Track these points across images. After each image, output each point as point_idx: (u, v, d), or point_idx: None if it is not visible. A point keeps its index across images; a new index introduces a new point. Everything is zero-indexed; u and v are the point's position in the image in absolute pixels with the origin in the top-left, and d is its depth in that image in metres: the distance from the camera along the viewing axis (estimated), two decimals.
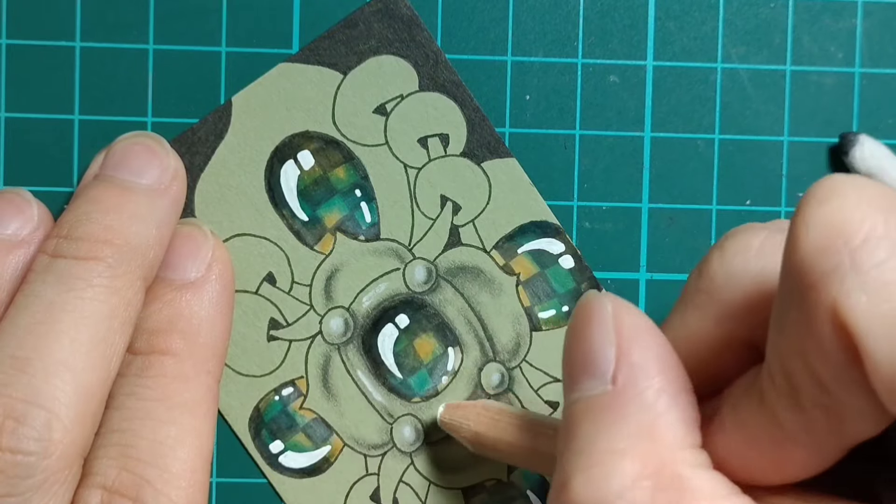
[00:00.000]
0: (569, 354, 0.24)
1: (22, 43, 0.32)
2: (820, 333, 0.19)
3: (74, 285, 0.27)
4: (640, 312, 0.23)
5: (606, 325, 0.23)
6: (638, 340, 0.23)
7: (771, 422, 0.21)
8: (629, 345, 0.22)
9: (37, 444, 0.26)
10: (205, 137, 0.32)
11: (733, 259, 0.24)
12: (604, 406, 0.22)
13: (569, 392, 0.23)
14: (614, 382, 0.22)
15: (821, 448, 0.21)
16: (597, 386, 0.22)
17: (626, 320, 0.23)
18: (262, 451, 0.32)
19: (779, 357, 0.20)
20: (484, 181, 0.33)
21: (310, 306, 0.32)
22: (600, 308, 0.23)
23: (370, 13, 0.32)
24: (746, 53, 0.33)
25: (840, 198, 0.19)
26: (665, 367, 0.22)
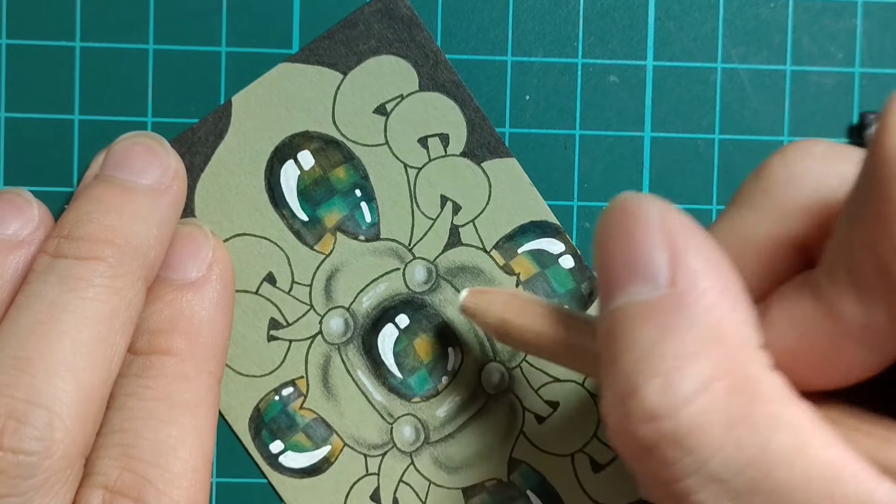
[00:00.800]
0: (610, 257, 0.23)
1: (22, 43, 0.32)
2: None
3: (76, 285, 0.27)
4: (684, 214, 0.23)
5: (654, 227, 0.22)
6: (691, 243, 0.22)
7: (827, 315, 0.21)
8: (684, 247, 0.22)
9: (38, 444, 0.26)
10: (205, 137, 0.32)
11: (795, 162, 0.24)
12: (665, 309, 0.21)
13: (612, 296, 0.22)
14: (673, 285, 0.21)
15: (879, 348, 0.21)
16: (650, 290, 0.22)
17: (675, 223, 0.22)
18: (262, 451, 0.32)
19: (845, 248, 0.20)
20: (484, 181, 0.33)
21: (310, 306, 0.32)
22: (647, 210, 0.22)
23: (370, 13, 0.32)
24: (746, 53, 0.33)
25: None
26: (721, 269, 0.22)
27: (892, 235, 0.19)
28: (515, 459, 0.33)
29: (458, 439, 0.33)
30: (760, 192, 0.24)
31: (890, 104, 0.19)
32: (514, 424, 0.33)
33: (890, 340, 0.20)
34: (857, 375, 0.22)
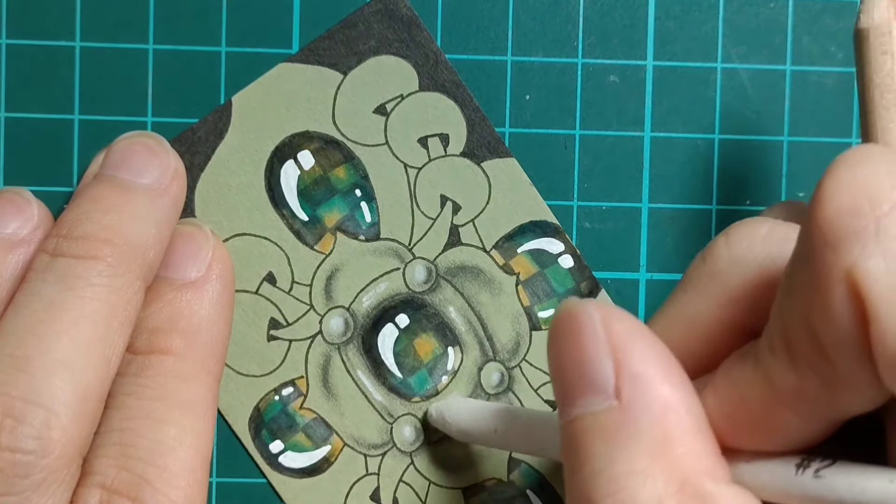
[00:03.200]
0: (561, 369, 0.23)
1: (22, 43, 0.32)
2: (831, 294, 0.19)
3: (74, 284, 0.27)
4: (626, 315, 0.23)
5: (598, 335, 0.22)
6: (635, 348, 0.22)
7: (763, 383, 0.21)
8: (627, 354, 0.22)
9: (36, 442, 0.26)
10: (205, 137, 0.32)
11: (739, 245, 0.24)
12: (612, 424, 0.21)
13: (567, 408, 0.23)
14: (618, 397, 0.22)
15: (811, 416, 0.21)
16: (599, 402, 0.22)
17: (616, 328, 0.22)
18: (262, 451, 0.32)
19: (782, 318, 0.20)
20: (484, 181, 0.33)
21: (310, 306, 0.32)
22: (588, 318, 0.22)
23: (370, 13, 0.32)
24: (746, 53, 0.33)
25: (872, 164, 0.19)
26: (667, 370, 0.22)
27: (823, 306, 0.19)
28: (515, 459, 0.33)
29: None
30: (706, 276, 0.24)
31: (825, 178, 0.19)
32: None
33: (822, 409, 0.21)
34: (794, 443, 0.22)
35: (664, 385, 0.22)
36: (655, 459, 0.21)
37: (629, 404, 0.21)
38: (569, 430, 0.22)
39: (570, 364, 0.22)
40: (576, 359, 0.22)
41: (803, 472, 0.21)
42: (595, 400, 0.22)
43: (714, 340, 0.24)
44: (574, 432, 0.22)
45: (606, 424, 0.22)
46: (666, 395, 0.21)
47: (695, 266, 0.25)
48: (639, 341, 0.22)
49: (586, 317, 0.22)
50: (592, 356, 0.22)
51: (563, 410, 0.23)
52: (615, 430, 0.21)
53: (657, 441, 0.21)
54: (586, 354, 0.22)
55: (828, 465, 0.21)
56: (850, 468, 0.21)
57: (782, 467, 0.22)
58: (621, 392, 0.22)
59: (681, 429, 0.21)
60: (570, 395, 0.22)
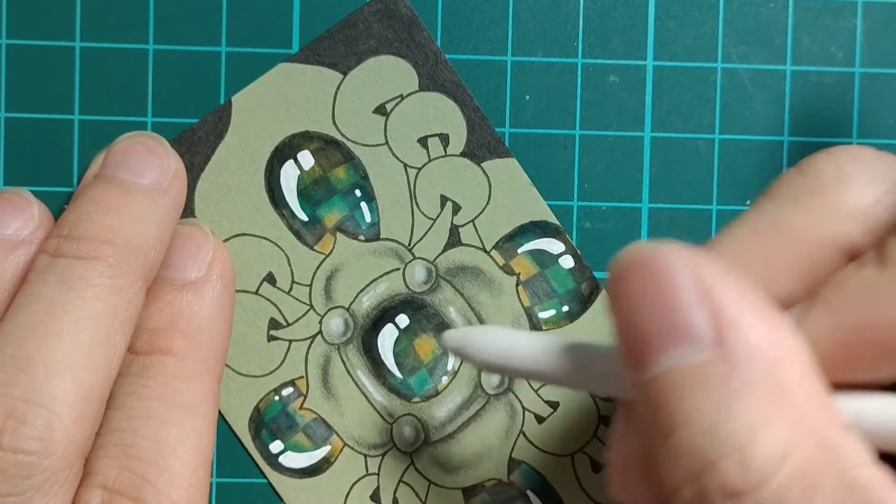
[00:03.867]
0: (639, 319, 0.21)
1: (22, 43, 0.32)
2: None
3: (75, 285, 0.27)
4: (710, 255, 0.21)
5: (688, 280, 0.20)
6: (730, 291, 0.20)
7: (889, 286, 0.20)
8: (724, 299, 0.20)
9: (38, 443, 0.26)
10: (205, 137, 0.32)
11: (847, 163, 0.23)
12: (717, 375, 0.20)
13: (648, 362, 0.21)
14: (720, 346, 0.20)
15: None
16: (696, 352, 0.20)
17: (705, 270, 0.21)
18: (262, 451, 0.32)
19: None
20: (484, 181, 0.33)
21: (310, 306, 0.32)
22: (675, 265, 0.21)
23: (370, 13, 0.32)
24: (746, 53, 0.33)
25: None
26: (767, 313, 0.20)
27: None
28: (515, 459, 0.33)
29: (458, 439, 0.33)
30: (808, 190, 0.23)
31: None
32: (514, 424, 0.33)
33: None
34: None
35: (767, 329, 0.20)
36: (773, 410, 0.20)
37: (733, 353, 0.20)
38: (656, 386, 0.21)
39: (653, 313, 0.21)
40: (664, 307, 0.21)
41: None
42: (692, 350, 0.20)
43: (813, 259, 0.22)
44: (665, 388, 0.20)
45: (710, 376, 0.20)
46: (772, 341, 0.20)
47: (791, 178, 0.23)
48: (732, 284, 0.21)
49: (671, 261, 0.21)
50: (684, 303, 0.20)
51: (644, 364, 0.21)
52: (721, 381, 0.20)
53: (771, 390, 0.20)
54: (679, 301, 0.20)
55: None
56: None
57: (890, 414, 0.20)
58: (724, 340, 0.20)
59: (793, 375, 0.20)
60: (655, 347, 0.21)
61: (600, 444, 0.33)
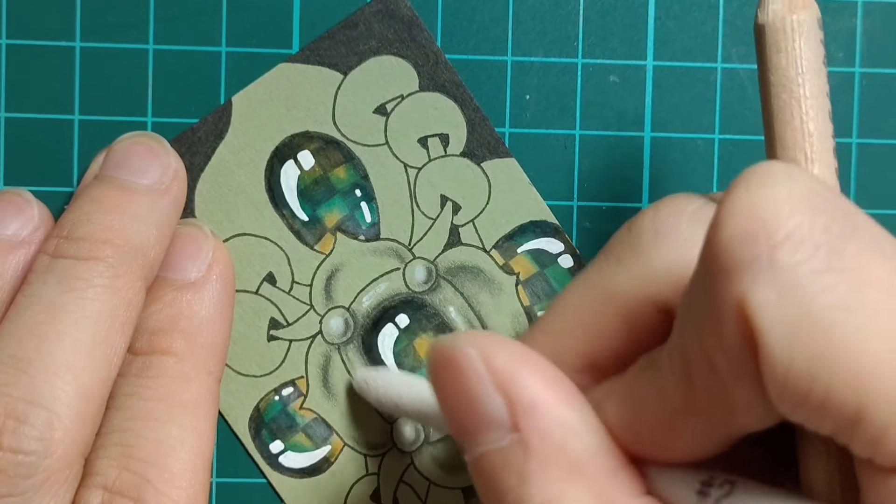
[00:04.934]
0: (451, 410, 0.22)
1: (22, 43, 0.32)
2: (723, 321, 0.19)
3: (75, 285, 0.27)
4: (504, 342, 0.22)
5: (480, 373, 0.22)
6: (522, 377, 0.22)
7: (660, 397, 0.21)
8: (515, 385, 0.21)
9: (38, 443, 0.26)
10: (205, 137, 0.32)
11: (666, 219, 0.23)
12: (517, 457, 0.21)
13: (468, 446, 0.22)
14: (517, 429, 0.21)
15: (706, 432, 0.21)
16: (500, 437, 0.21)
17: (498, 360, 0.22)
18: (262, 451, 0.32)
19: (680, 336, 0.20)
20: (484, 181, 0.33)
21: (310, 306, 0.32)
22: (465, 356, 0.22)
23: (370, 13, 0.32)
24: (746, 53, 0.33)
25: (772, 188, 0.19)
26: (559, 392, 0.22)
27: (716, 331, 0.19)
28: None
29: None
30: (629, 247, 0.24)
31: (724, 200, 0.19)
32: None
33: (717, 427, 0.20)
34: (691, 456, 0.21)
35: (560, 408, 0.21)
36: (568, 485, 0.21)
37: (529, 435, 0.21)
38: (477, 467, 0.22)
39: (460, 405, 0.22)
40: (464, 399, 0.22)
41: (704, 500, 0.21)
42: (495, 436, 0.22)
43: (630, 317, 0.23)
44: (483, 469, 0.22)
45: (512, 458, 0.21)
46: (563, 418, 0.21)
47: (619, 236, 0.24)
48: (524, 368, 0.22)
49: (463, 356, 0.22)
50: (481, 395, 0.22)
51: (465, 449, 0.22)
52: (522, 462, 0.21)
53: (564, 466, 0.21)
54: (474, 395, 0.22)
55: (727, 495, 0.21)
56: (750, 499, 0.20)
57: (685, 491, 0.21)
58: (518, 425, 0.21)
59: (585, 449, 0.21)
60: (468, 435, 0.22)
61: None
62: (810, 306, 0.18)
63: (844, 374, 0.18)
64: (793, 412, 0.19)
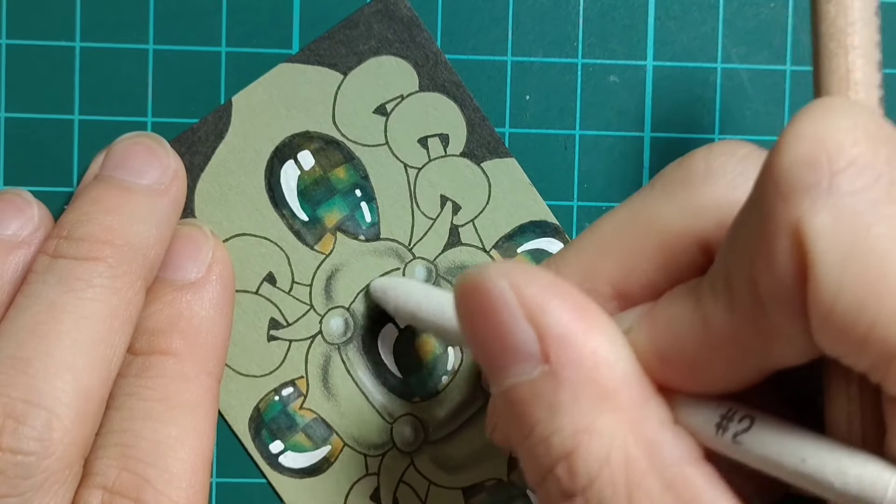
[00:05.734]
0: (480, 343, 0.22)
1: (22, 43, 0.32)
2: (775, 246, 0.19)
3: (75, 286, 0.27)
4: (535, 272, 0.22)
5: (511, 304, 0.22)
6: (552, 307, 0.22)
7: (700, 324, 0.21)
8: (546, 316, 0.22)
9: (37, 444, 0.26)
10: (205, 137, 0.32)
11: (717, 158, 0.24)
12: (548, 388, 0.21)
13: (497, 379, 0.22)
14: (547, 360, 0.21)
15: (740, 362, 0.21)
16: (530, 369, 0.22)
17: (528, 291, 0.22)
18: (262, 451, 0.32)
19: (727, 262, 0.20)
20: (484, 181, 0.33)
21: (310, 306, 0.32)
22: (495, 288, 0.22)
23: (370, 14, 0.32)
24: (746, 53, 0.33)
25: (837, 118, 0.19)
26: (589, 322, 0.22)
27: (767, 255, 0.19)
28: (515, 459, 0.33)
29: (458, 439, 0.33)
30: (677, 182, 0.24)
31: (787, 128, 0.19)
32: None
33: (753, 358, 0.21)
34: (722, 386, 0.22)
35: (590, 338, 0.21)
36: (598, 414, 0.21)
37: (559, 366, 0.21)
38: (505, 399, 0.22)
39: (490, 337, 0.22)
40: (494, 332, 0.22)
41: (723, 434, 0.21)
42: (525, 367, 0.22)
43: (670, 250, 0.24)
44: (512, 401, 0.22)
45: (542, 389, 0.21)
46: (594, 349, 0.21)
47: (669, 170, 0.24)
48: (555, 299, 0.22)
49: (494, 287, 0.22)
50: (511, 327, 0.22)
51: (493, 381, 0.23)
52: (552, 393, 0.21)
53: (595, 396, 0.21)
54: (504, 327, 0.22)
55: (745, 430, 0.21)
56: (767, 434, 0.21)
57: (705, 422, 0.22)
58: (549, 356, 0.21)
59: (615, 380, 0.21)
60: (497, 367, 0.22)
61: None
62: (866, 234, 0.18)
63: (892, 307, 0.18)
64: (833, 344, 0.19)
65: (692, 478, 0.21)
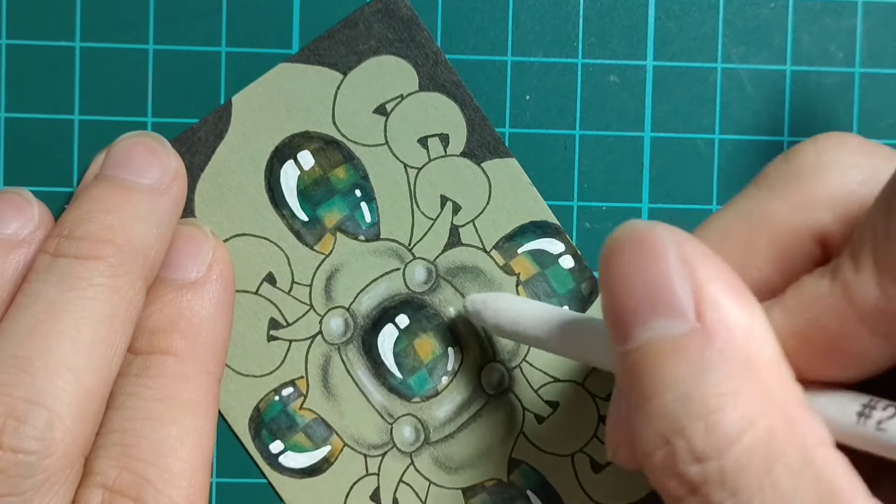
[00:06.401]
0: (627, 291, 0.22)
1: (22, 43, 0.32)
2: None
3: (76, 285, 0.27)
4: (696, 238, 0.22)
5: (674, 257, 0.22)
6: (713, 272, 0.22)
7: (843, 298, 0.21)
8: (707, 278, 0.21)
9: (38, 443, 0.26)
10: (205, 137, 0.32)
11: (827, 152, 0.23)
12: (696, 346, 0.21)
13: (633, 332, 0.22)
14: (700, 320, 0.21)
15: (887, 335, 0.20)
16: (678, 325, 0.21)
17: (690, 250, 0.22)
18: (262, 451, 0.32)
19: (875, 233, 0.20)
20: (484, 181, 0.33)
21: (310, 306, 0.32)
22: (663, 240, 0.22)
23: (370, 13, 0.32)
24: (746, 53, 0.33)
25: None
26: (742, 296, 0.22)
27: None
28: (515, 459, 0.33)
29: (458, 439, 0.33)
30: (788, 177, 0.24)
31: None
32: (513, 424, 0.33)
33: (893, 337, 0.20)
34: (869, 366, 0.21)
35: (744, 311, 0.21)
36: (743, 382, 0.21)
37: (711, 327, 0.21)
38: (638, 354, 0.22)
39: (640, 286, 0.22)
40: (649, 280, 0.22)
41: (865, 422, 0.21)
42: (673, 323, 0.21)
43: (786, 245, 0.23)
44: (647, 356, 0.22)
45: (689, 347, 0.21)
46: (746, 320, 0.21)
47: (775, 166, 0.24)
48: (712, 265, 0.22)
49: (660, 238, 0.22)
50: (669, 278, 0.22)
51: (627, 334, 0.22)
52: (699, 352, 0.21)
53: (743, 364, 0.21)
54: (664, 276, 0.22)
55: (891, 416, 0.21)
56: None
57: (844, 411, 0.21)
58: (703, 315, 0.21)
59: (764, 354, 0.21)
60: (638, 318, 0.22)
61: (600, 444, 0.33)
62: None
63: None
64: None
65: (831, 460, 0.20)
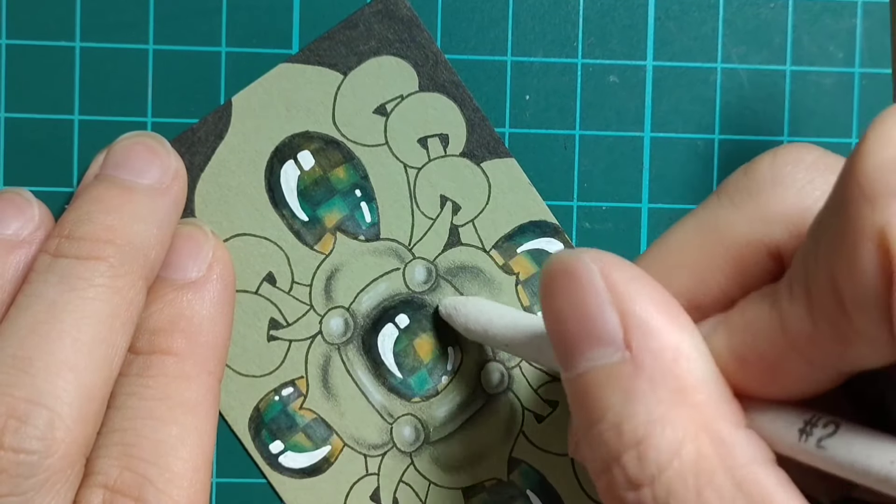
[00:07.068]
0: (561, 323, 0.23)
1: (22, 43, 0.32)
2: (859, 250, 0.19)
3: (76, 285, 0.27)
4: (623, 262, 0.23)
5: (599, 287, 0.22)
6: (638, 296, 0.22)
7: (778, 326, 0.21)
8: (632, 303, 0.22)
9: (39, 443, 0.26)
10: (205, 137, 0.32)
11: (784, 167, 0.23)
12: (626, 374, 0.21)
13: (573, 361, 0.22)
14: (629, 348, 0.21)
15: (821, 365, 0.21)
16: (610, 353, 0.22)
17: (616, 276, 0.22)
18: (262, 451, 0.32)
19: (805, 264, 0.20)
20: (483, 181, 0.33)
21: (310, 306, 0.32)
22: (586, 269, 0.22)
23: (370, 14, 0.32)
24: (746, 53, 0.33)
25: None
26: (673, 316, 0.22)
27: (849, 260, 0.19)
28: (515, 459, 0.33)
29: (458, 439, 0.33)
30: (746, 191, 0.24)
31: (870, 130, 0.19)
32: (513, 424, 0.33)
33: (833, 360, 0.20)
34: (799, 391, 0.22)
35: (673, 331, 0.22)
36: (673, 407, 0.21)
37: (640, 354, 0.21)
38: (579, 383, 0.22)
39: (572, 318, 0.22)
40: (578, 312, 0.22)
41: (806, 440, 0.21)
42: (604, 352, 0.22)
43: (741, 259, 0.24)
44: (585, 386, 0.22)
45: (620, 376, 0.21)
46: (676, 342, 0.22)
47: (735, 178, 0.24)
48: (641, 289, 0.22)
49: (584, 268, 0.22)
50: (597, 308, 0.22)
51: (568, 364, 0.23)
52: (629, 380, 0.21)
53: (673, 389, 0.21)
54: (590, 307, 0.22)
55: (830, 434, 0.21)
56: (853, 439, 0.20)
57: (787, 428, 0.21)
58: (631, 342, 0.21)
59: (694, 375, 0.21)
60: (575, 350, 0.22)
61: None
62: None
63: None
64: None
65: (763, 479, 0.21)
